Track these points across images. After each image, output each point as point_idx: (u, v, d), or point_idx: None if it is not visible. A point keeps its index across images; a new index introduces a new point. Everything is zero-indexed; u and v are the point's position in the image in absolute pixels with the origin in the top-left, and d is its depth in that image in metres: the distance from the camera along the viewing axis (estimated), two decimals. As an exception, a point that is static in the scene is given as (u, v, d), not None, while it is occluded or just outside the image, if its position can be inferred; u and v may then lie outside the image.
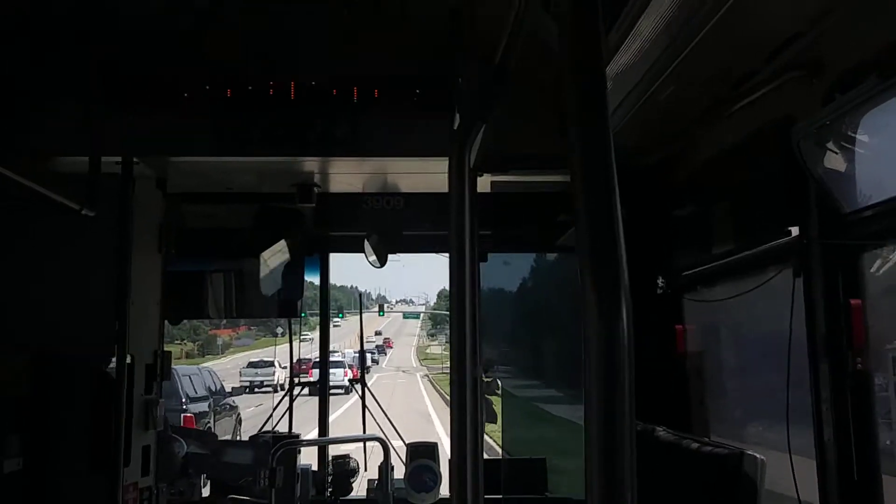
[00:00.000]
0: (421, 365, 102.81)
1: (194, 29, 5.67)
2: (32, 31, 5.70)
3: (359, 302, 11.77)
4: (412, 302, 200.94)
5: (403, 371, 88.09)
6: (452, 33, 4.81)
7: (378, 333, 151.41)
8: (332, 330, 9.40)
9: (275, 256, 8.00)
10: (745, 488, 4.40)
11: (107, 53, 5.93)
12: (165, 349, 7.35)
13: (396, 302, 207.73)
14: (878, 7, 3.80)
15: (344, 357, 62.58)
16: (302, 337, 9.55)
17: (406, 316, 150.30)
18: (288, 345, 9.17)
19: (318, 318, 9.38)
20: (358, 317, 11.19)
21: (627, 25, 3.89)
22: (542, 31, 2.81)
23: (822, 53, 4.20)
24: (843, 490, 4.36)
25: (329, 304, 9.20)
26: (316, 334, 9.63)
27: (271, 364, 60.33)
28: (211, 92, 6.27)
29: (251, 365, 64.03)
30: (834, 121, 4.18)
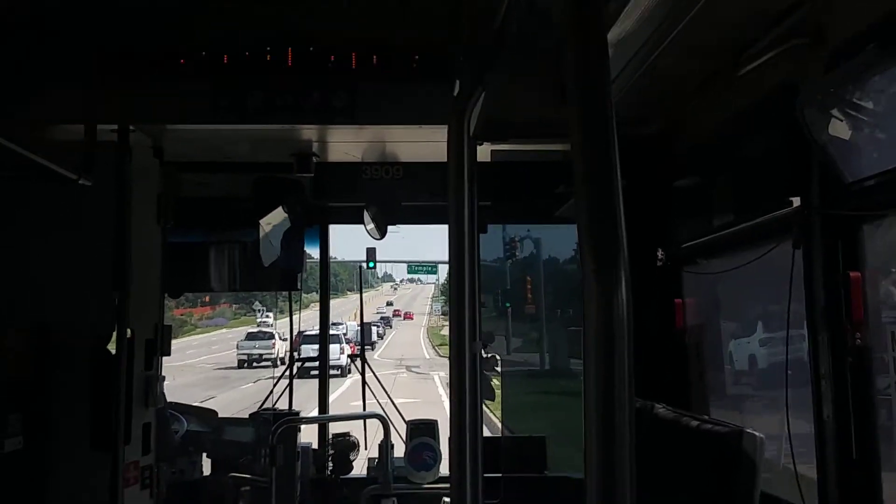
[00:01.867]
0: (437, 353, 71.00)
1: None
2: (29, 2, 5.65)
3: (359, 275, 11.71)
4: (420, 281, 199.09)
5: (410, 368, 54.59)
6: None
7: (390, 304, 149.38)
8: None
9: (274, 227, 7.96)
10: (745, 466, 4.38)
11: (103, 21, 5.87)
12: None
13: (401, 281, 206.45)
14: None
15: (344, 331, 57.36)
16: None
17: (413, 269, 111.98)
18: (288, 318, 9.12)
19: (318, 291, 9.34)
20: (360, 297, 11.13)
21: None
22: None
23: (824, 20, 4.15)
24: (841, 467, 4.33)
25: (329, 277, 9.18)
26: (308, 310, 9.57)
27: (271, 336, 58.78)
28: (208, 59, 6.22)
29: (250, 337, 61.64)
30: (839, 87, 4.12)
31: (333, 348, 44.82)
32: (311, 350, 10.68)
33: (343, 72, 6.26)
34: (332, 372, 9.09)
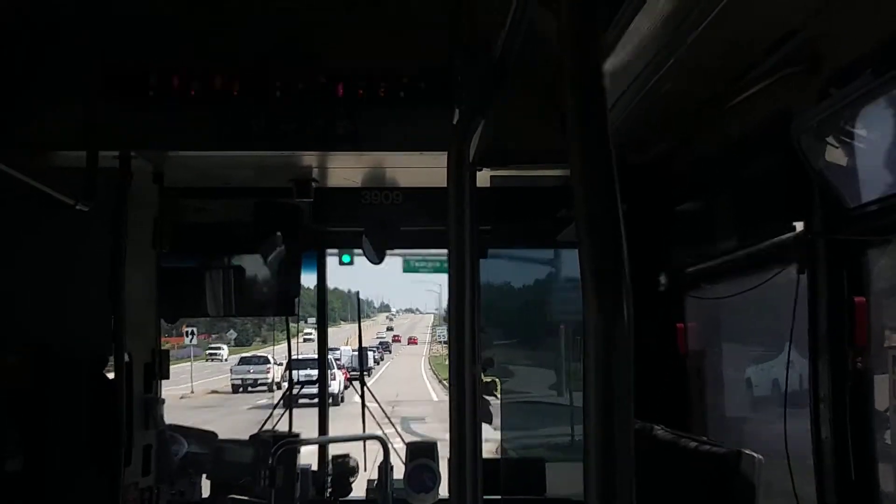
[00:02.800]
0: (447, 391, 28.03)
1: (193, 23, 5.66)
2: (30, 25, 5.68)
3: (356, 300, 11.72)
4: (418, 311, 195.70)
5: (408, 425, 32.86)
6: (452, 28, 4.79)
7: (390, 329, 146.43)
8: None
9: (272, 253, 7.96)
10: (743, 487, 4.39)
11: (105, 47, 5.90)
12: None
13: (403, 311, 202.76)
14: (875, 1, 3.78)
15: (339, 357, 52.18)
16: (306, 337, 9.51)
17: (412, 267, 63.12)
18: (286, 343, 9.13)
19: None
20: (358, 321, 11.14)
21: (626, 20, 3.88)
22: (540, 26, 2.79)
23: (819, 48, 4.18)
24: (840, 489, 4.34)
25: (326, 302, 9.18)
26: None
27: (266, 361, 57.71)
28: (209, 86, 6.24)
29: (243, 362, 60.82)
30: (833, 115, 4.16)
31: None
32: (301, 376, 10.51)
33: (345, 99, 6.28)
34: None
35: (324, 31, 5.83)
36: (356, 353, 12.75)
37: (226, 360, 76.45)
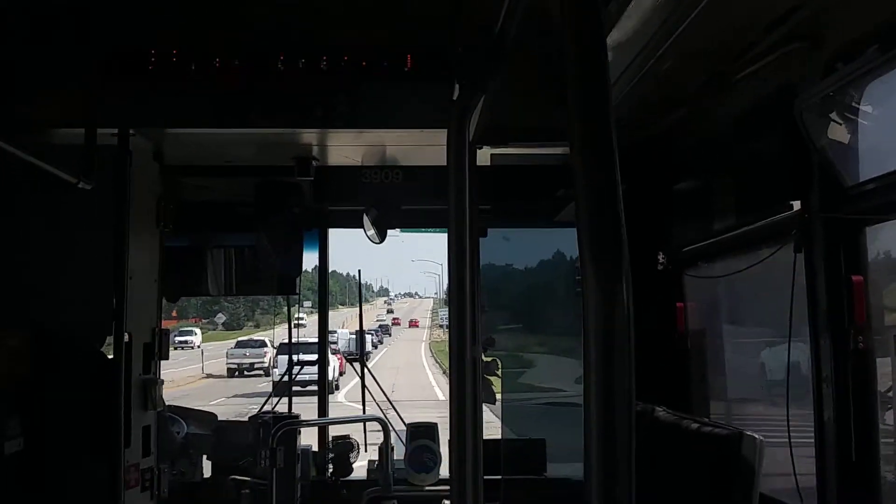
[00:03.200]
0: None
1: (193, 1, 5.62)
2: (30, 3, 5.65)
3: (358, 282, 11.71)
4: (418, 295, 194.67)
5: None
6: (451, 4, 4.76)
7: (390, 311, 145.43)
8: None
9: (273, 232, 7.94)
10: (744, 468, 4.38)
11: (104, 25, 5.87)
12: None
13: (402, 295, 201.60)
14: None
15: (335, 340, 46.78)
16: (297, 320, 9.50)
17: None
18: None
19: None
20: (359, 298, 11.11)
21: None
22: (541, 2, 2.76)
23: (823, 24, 4.15)
24: (840, 470, 4.34)
25: (328, 282, 9.16)
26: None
27: (263, 344, 56.36)
28: (209, 64, 6.21)
29: (239, 345, 58.86)
30: (837, 92, 4.13)
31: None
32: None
33: (344, 76, 6.25)
34: (314, 389, 8.96)
35: (323, 7, 5.79)
36: (353, 336, 12.59)
37: (198, 346, 70.38)
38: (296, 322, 9.68)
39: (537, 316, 10.85)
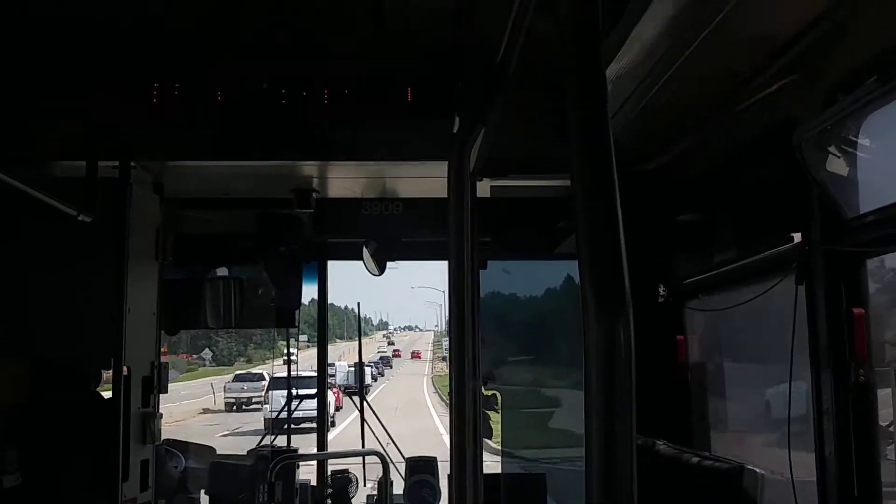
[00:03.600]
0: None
1: (194, 33, 5.65)
2: (32, 33, 5.67)
3: (357, 313, 11.69)
4: (418, 328, 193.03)
5: None
6: (452, 36, 4.79)
7: (391, 343, 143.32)
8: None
9: (272, 264, 7.94)
10: (746, 502, 4.36)
11: (105, 57, 5.90)
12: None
13: (402, 328, 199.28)
14: (878, 10, 3.77)
15: (332, 372, 45.58)
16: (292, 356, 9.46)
17: None
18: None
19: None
20: (358, 331, 11.11)
21: (627, 28, 3.87)
22: (542, 35, 2.77)
23: (822, 56, 4.17)
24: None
25: (327, 314, 9.15)
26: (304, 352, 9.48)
27: (261, 378, 54.66)
28: (210, 96, 6.23)
29: (238, 379, 57.53)
30: (836, 124, 4.14)
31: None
32: (282, 397, 10.17)
33: (345, 109, 6.27)
34: (308, 426, 8.85)
35: (324, 40, 5.81)
36: (352, 368, 12.46)
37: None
38: (283, 359, 9.66)
39: (538, 348, 10.83)
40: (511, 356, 11.00)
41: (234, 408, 53.64)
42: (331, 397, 34.10)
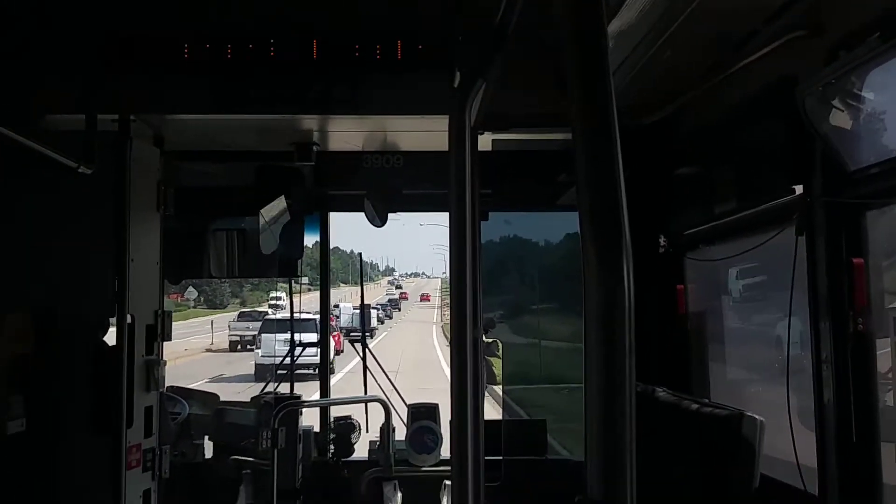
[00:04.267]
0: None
1: None
2: None
3: (360, 261, 11.67)
4: (425, 274, 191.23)
5: None
6: None
7: (399, 287, 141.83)
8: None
9: (274, 215, 7.97)
10: (745, 449, 4.40)
11: (105, 11, 5.88)
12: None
13: (408, 275, 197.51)
14: None
15: (338, 314, 47.87)
16: (273, 301, 9.49)
17: None
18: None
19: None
20: (360, 278, 11.13)
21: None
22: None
23: (824, 13, 4.17)
24: (841, 451, 4.36)
25: (329, 264, 9.19)
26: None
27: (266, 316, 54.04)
28: (209, 50, 6.22)
29: (242, 317, 58.22)
30: (839, 79, 4.14)
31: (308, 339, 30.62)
32: (274, 341, 9.98)
33: (344, 62, 6.26)
34: (304, 372, 8.82)
35: None
36: (357, 311, 12.29)
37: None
38: (273, 302, 9.69)
39: (539, 297, 10.86)
40: (513, 304, 11.04)
41: (239, 346, 53.56)
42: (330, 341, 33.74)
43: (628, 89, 5.32)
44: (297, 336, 9.57)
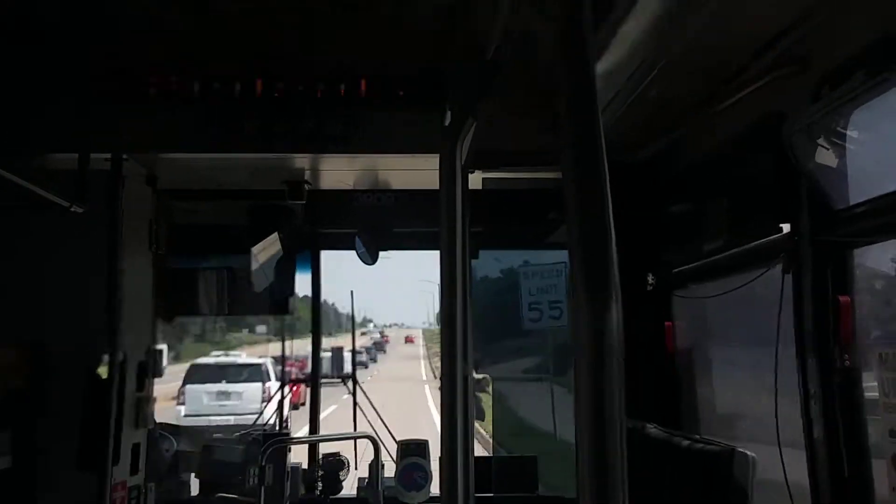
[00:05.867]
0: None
1: (185, 26, 5.66)
2: (23, 28, 5.68)
3: (351, 302, 11.72)
4: (404, 325, 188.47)
5: None
6: (444, 29, 4.81)
7: (381, 333, 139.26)
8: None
9: (266, 254, 7.99)
10: (736, 485, 4.42)
11: (97, 49, 5.91)
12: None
13: (387, 326, 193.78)
14: (864, 4, 3.82)
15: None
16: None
17: None
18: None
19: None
20: (351, 316, 11.16)
21: (616, 22, 3.90)
22: (533, 28, 2.81)
23: (810, 49, 4.22)
24: (834, 485, 4.37)
25: (320, 301, 9.21)
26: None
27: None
28: (202, 88, 6.25)
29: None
30: (824, 116, 4.19)
31: (248, 389, 28.88)
32: (202, 394, 9.71)
33: (336, 101, 6.29)
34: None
35: (314, 32, 5.83)
36: (329, 354, 12.15)
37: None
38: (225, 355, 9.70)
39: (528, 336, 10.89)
40: (502, 343, 11.06)
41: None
42: (273, 386, 27.34)
43: (617, 126, 5.37)
44: (227, 387, 9.55)
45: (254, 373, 29.97)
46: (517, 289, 8.33)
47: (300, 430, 9.75)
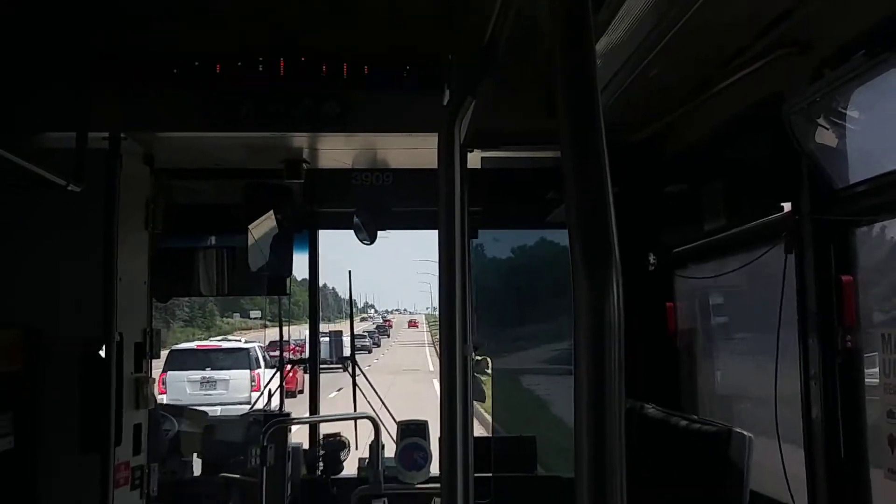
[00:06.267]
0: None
1: (184, 6, 5.64)
2: (21, 8, 5.66)
3: (349, 281, 11.69)
4: (406, 311, 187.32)
5: None
6: (443, 9, 4.79)
7: (384, 318, 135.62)
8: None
9: (264, 233, 7.98)
10: (734, 465, 4.42)
11: (95, 29, 5.89)
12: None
13: (388, 311, 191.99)
14: None
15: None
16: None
17: None
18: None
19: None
20: (349, 297, 11.16)
21: (617, 2, 3.88)
22: (531, 8, 2.79)
23: (810, 30, 4.20)
24: (830, 467, 4.38)
25: (318, 282, 9.21)
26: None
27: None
28: (200, 68, 6.23)
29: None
30: (824, 97, 4.17)
31: (234, 377, 27.36)
32: (184, 382, 9.60)
33: (335, 80, 6.27)
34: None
35: (314, 13, 5.81)
36: (328, 339, 12.05)
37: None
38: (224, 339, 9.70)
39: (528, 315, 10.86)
40: (502, 323, 11.03)
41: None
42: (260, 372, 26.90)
43: (617, 107, 5.35)
44: (212, 374, 9.57)
45: (240, 359, 28.21)
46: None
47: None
